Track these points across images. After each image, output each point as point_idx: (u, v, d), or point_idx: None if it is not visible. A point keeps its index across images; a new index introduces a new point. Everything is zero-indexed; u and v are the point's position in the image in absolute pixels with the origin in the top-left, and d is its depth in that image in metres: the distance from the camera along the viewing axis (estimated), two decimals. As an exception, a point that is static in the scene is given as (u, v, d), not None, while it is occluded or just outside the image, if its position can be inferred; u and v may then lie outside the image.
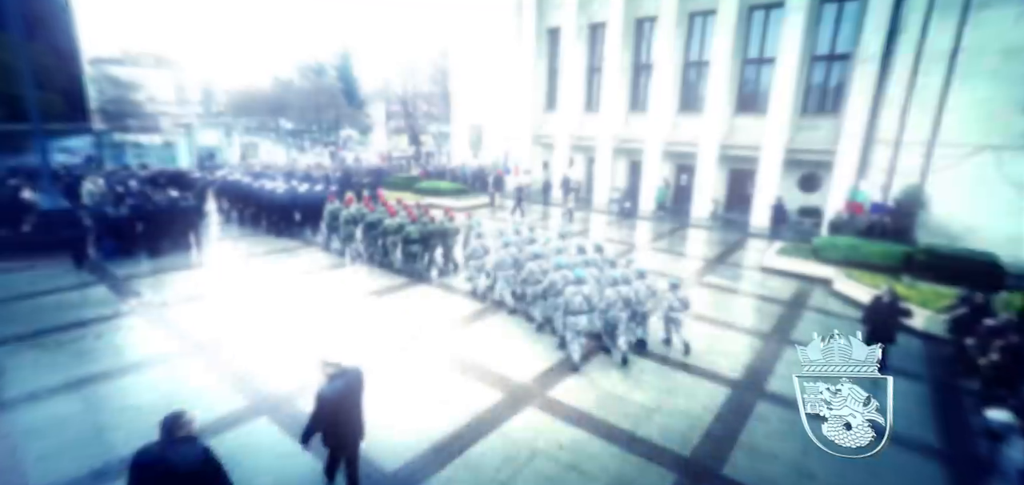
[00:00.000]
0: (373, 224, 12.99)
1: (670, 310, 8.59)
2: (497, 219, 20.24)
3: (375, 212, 13.33)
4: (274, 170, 24.95)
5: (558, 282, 8.45)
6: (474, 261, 10.83)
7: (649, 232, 19.30)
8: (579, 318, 7.89)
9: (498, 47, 27.00)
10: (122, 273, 11.61)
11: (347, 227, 13.35)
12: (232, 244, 14.98)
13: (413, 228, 11.97)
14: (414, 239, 11.90)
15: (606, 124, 23.78)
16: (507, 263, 10.23)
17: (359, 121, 60.82)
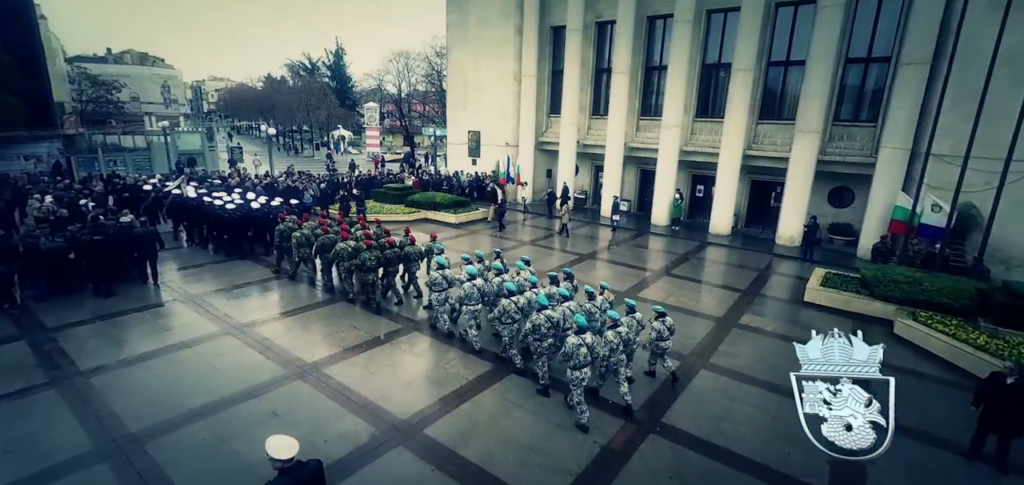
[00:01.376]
0: (326, 247, 11.59)
1: (658, 340, 8.03)
2: (494, 237, 18.39)
3: (329, 234, 11.98)
4: (253, 180, 22.94)
5: (542, 325, 7.66)
6: (436, 293, 9.52)
7: (663, 253, 17.45)
8: (583, 372, 6.86)
9: (498, 46, 25.05)
10: (52, 322, 9.65)
11: (300, 250, 12.10)
12: (189, 274, 12.99)
13: (368, 254, 10.61)
14: (370, 267, 10.61)
15: (615, 130, 21.92)
16: (473, 296, 8.95)
17: (352, 121, 58.69)
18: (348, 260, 10.72)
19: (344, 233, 11.77)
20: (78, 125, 41.66)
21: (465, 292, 8.93)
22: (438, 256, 10.07)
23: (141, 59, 66.34)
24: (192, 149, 31.69)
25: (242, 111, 75.23)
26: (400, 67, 52.29)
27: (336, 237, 11.69)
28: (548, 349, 7.79)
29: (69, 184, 18.15)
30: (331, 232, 12.15)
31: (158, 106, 60.89)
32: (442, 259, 9.75)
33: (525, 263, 10.12)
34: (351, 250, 10.76)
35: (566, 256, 16.47)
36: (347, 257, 10.74)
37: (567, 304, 8.34)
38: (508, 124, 25.56)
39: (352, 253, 10.71)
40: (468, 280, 9.01)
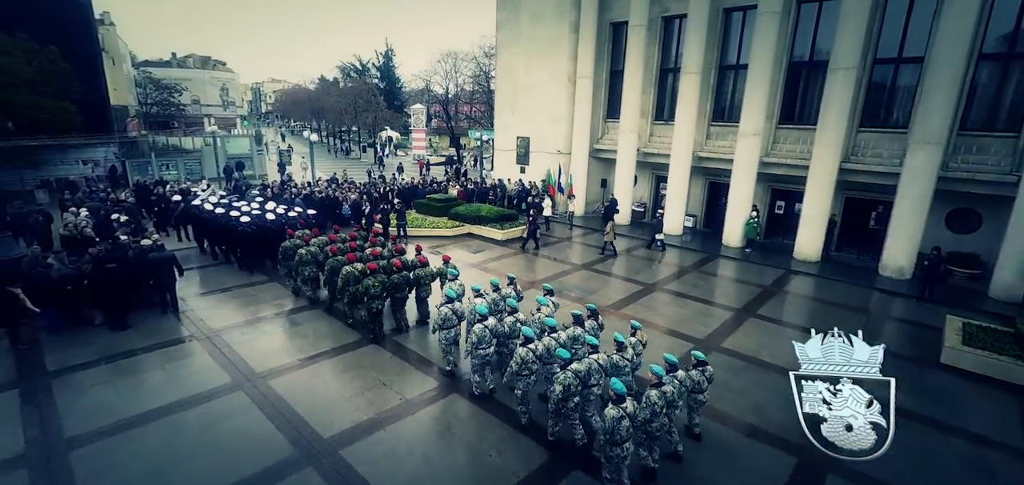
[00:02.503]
0: (335, 270, 10.73)
1: (695, 391, 6.90)
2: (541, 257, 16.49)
3: (336, 255, 11.12)
4: (298, 187, 22.12)
5: (572, 383, 6.38)
6: (444, 332, 8.32)
7: (740, 283, 14.94)
8: (626, 447, 5.70)
9: (551, 45, 23.10)
10: (54, 362, 8.64)
11: (305, 269, 11.33)
12: (212, 300, 11.90)
13: (372, 280, 9.48)
14: (375, 295, 9.48)
15: (682, 137, 19.46)
16: (484, 339, 7.67)
17: (399, 123, 58.41)
18: (353, 285, 9.68)
19: (351, 256, 10.54)
20: (140, 128, 43.30)
21: (476, 336, 7.64)
22: (448, 286, 9.03)
23: (203, 63, 69.01)
24: (240, 153, 31.70)
25: (296, 112, 77.07)
26: (448, 68, 51.42)
27: (345, 259, 10.60)
28: (575, 408, 6.65)
29: (106, 195, 17.67)
30: (340, 252, 11.19)
31: (217, 108, 63.02)
32: (451, 290, 8.61)
33: (547, 294, 8.89)
34: (357, 274, 9.73)
35: (617, 285, 14.31)
36: (352, 282, 9.71)
37: (595, 357, 6.84)
38: (560, 130, 23.57)
39: (357, 278, 9.67)
40: (478, 321, 7.75)
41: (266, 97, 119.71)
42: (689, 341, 10.52)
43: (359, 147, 55.71)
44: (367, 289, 9.39)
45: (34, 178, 24.19)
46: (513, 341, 7.95)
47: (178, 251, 15.46)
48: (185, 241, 16.41)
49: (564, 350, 6.75)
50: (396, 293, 10.03)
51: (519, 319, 8.24)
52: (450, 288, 8.74)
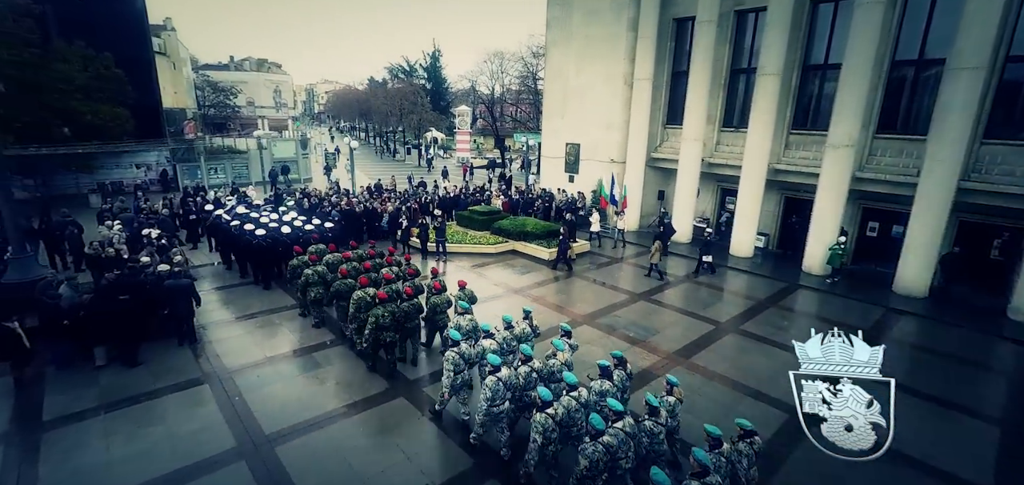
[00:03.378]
0: (342, 294, 10.16)
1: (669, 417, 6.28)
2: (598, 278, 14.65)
3: (345, 277, 10.41)
4: (339, 193, 21.35)
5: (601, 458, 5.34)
6: (450, 377, 7.34)
7: (828, 323, 12.56)
8: None
9: (606, 44, 21.19)
10: (52, 410, 7.78)
11: (312, 289, 10.76)
12: (232, 329, 10.96)
13: (382, 310, 8.63)
14: (385, 326, 8.65)
15: (756, 145, 17.10)
16: (499, 393, 6.68)
17: (444, 125, 57.83)
18: (364, 312, 8.92)
19: (363, 279, 9.72)
20: (196, 130, 44.60)
21: (489, 391, 6.66)
22: (455, 322, 8.35)
23: (258, 65, 71.23)
24: (286, 157, 31.64)
25: (345, 113, 78.41)
26: (494, 68, 50.29)
27: (354, 283, 9.92)
28: None
29: (139, 206, 17.32)
30: (351, 275, 10.48)
31: (270, 110, 64.75)
32: (455, 332, 7.69)
33: (564, 336, 7.93)
34: (368, 300, 9.00)
35: (679, 322, 12.31)
36: (363, 308, 8.99)
37: (621, 425, 5.72)
38: (614, 136, 21.61)
39: (369, 303, 8.95)
40: (491, 373, 6.77)
41: (318, 98, 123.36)
42: (778, 406, 8.50)
43: (404, 148, 55.44)
44: (376, 319, 8.52)
45: (89, 182, 24.76)
46: (530, 393, 6.90)
47: (207, 266, 14.96)
48: (214, 253, 15.81)
49: (598, 418, 5.57)
50: (406, 322, 9.15)
51: (535, 368, 7.15)
52: (454, 327, 7.99)
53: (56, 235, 13.84)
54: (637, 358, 10.30)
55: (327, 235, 14.77)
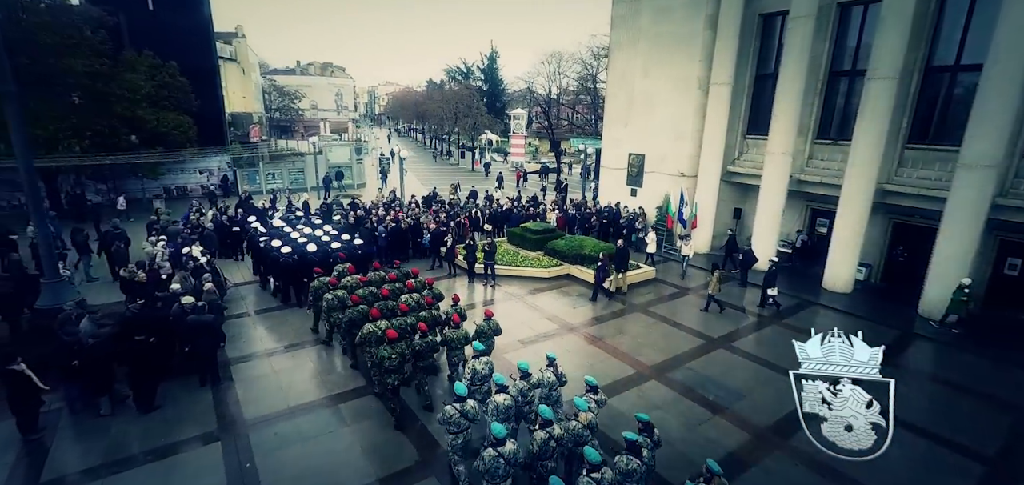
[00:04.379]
0: (356, 323, 9.26)
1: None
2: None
3: (358, 305, 9.56)
4: (390, 203, 20.54)
5: None
6: (450, 436, 6.45)
7: (960, 393, 9.91)
8: None
9: (679, 44, 18.99)
10: (56, 464, 7.06)
11: (331, 315, 9.97)
12: (263, 365, 10.08)
13: (388, 352, 7.76)
14: (390, 369, 7.78)
15: (863, 161, 14.42)
16: (498, 471, 5.56)
17: (498, 128, 56.84)
18: (373, 347, 7.95)
19: (375, 311, 8.80)
20: (261, 134, 46.11)
21: (485, 463, 5.58)
22: (469, 367, 7.52)
23: (322, 69, 73.48)
24: (340, 163, 31.59)
25: (404, 115, 79.47)
26: (551, 69, 48.55)
27: (366, 310, 9.16)
28: None
29: (192, 213, 17.13)
30: (366, 302, 9.62)
31: (331, 112, 66.50)
32: (462, 385, 6.66)
33: (589, 392, 6.86)
34: (379, 335, 8.03)
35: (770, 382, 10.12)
36: (373, 343, 8.00)
37: None
38: (684, 147, 19.37)
39: (379, 339, 7.98)
40: (492, 444, 5.65)
41: (380, 100, 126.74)
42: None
43: (458, 151, 54.93)
44: (380, 361, 7.72)
45: (155, 187, 25.55)
46: (545, 463, 5.90)
47: (249, 285, 14.33)
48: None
49: None
50: (420, 361, 8.49)
51: (553, 435, 5.97)
52: (461, 381, 6.96)
53: (110, 249, 13.72)
54: (721, 433, 8.38)
55: (356, 252, 13.92)
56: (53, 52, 19.56)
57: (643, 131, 20.83)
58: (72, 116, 20.11)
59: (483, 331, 8.81)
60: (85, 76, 20.40)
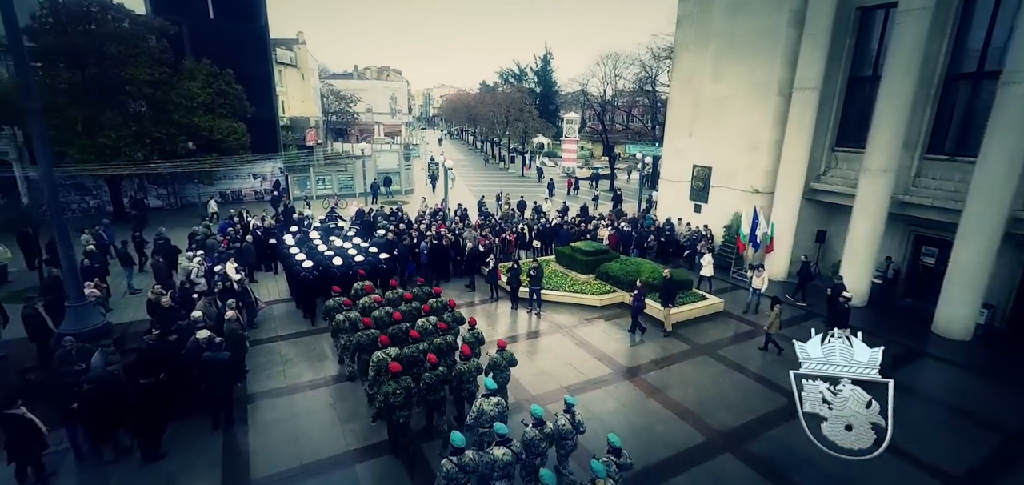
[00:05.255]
0: (364, 347, 8.90)
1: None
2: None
3: (368, 328, 9.12)
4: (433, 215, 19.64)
5: None
6: None
7: None
8: None
9: (757, 44, 16.81)
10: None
11: (342, 336, 9.57)
12: (282, 406, 9.24)
13: (392, 387, 7.17)
14: (397, 405, 7.18)
15: (991, 182, 11.84)
16: None
17: (550, 132, 55.37)
18: (384, 376, 7.40)
19: (384, 338, 8.56)
20: (317, 137, 47.13)
21: None
22: (477, 407, 6.89)
23: (379, 73, 74.91)
24: (389, 168, 31.27)
25: (456, 118, 79.73)
26: (607, 70, 46.42)
27: (375, 337, 8.82)
28: None
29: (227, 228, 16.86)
30: (380, 324, 9.33)
31: (386, 115, 67.51)
32: (458, 435, 6.00)
33: (611, 453, 6.05)
34: (383, 364, 7.57)
35: (885, 466, 8.00)
36: (383, 372, 7.49)
37: None
38: (759, 160, 17.13)
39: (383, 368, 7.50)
40: None
41: (434, 102, 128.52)
42: None
43: (508, 155, 53.88)
44: (386, 396, 7.12)
45: (211, 192, 26.09)
46: None
47: (282, 303, 13.73)
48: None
49: None
50: (430, 396, 7.82)
51: None
52: (457, 434, 6.03)
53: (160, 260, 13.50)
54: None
55: (380, 267, 13.08)
56: (118, 62, 20.15)
57: (711, 141, 18.72)
58: (133, 124, 20.61)
59: (497, 364, 8.08)
60: (146, 84, 20.89)
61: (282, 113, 47.73)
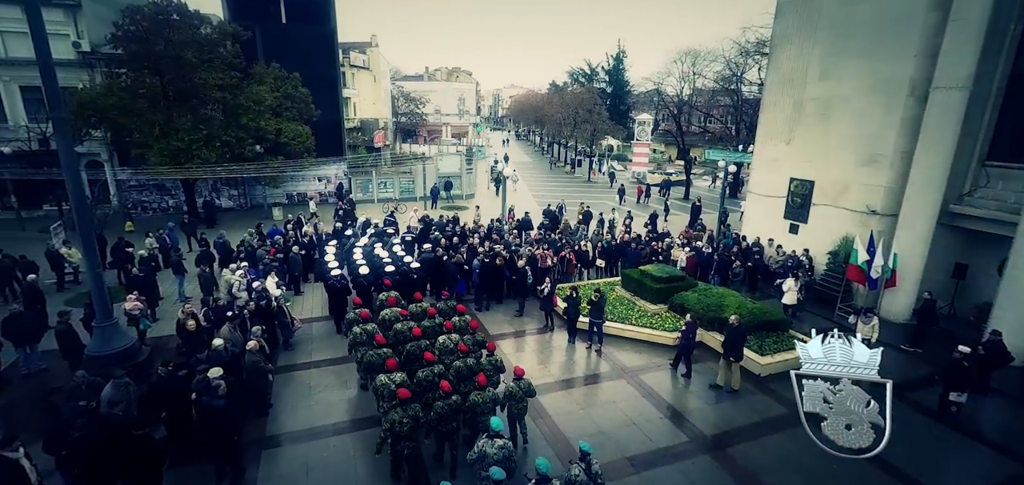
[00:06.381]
0: (374, 367, 8.25)
1: None
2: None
3: (382, 347, 8.61)
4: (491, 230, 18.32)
5: None
6: None
7: None
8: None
9: (882, 34, 13.80)
10: None
11: (359, 350, 8.96)
12: (295, 454, 8.18)
13: (398, 415, 6.60)
14: (401, 434, 6.63)
15: None
16: None
17: (620, 134, 52.54)
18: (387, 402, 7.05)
19: (391, 362, 7.84)
20: (385, 139, 47.78)
21: None
22: (478, 449, 6.18)
23: (449, 74, 75.47)
24: (450, 172, 30.49)
25: (523, 118, 78.73)
26: (685, 68, 42.90)
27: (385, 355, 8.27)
28: None
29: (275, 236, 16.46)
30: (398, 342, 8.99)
31: (454, 117, 67.75)
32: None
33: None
34: (392, 389, 7.08)
35: None
36: (386, 397, 7.12)
37: None
38: (880, 175, 14.09)
39: (392, 394, 6.99)
40: None
41: (503, 103, 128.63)
42: None
43: (574, 158, 51.74)
44: (391, 425, 6.74)
45: (278, 195, 26.57)
46: None
47: (321, 321, 12.93)
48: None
49: None
50: (441, 427, 7.19)
51: None
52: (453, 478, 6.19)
53: (206, 270, 13.28)
54: None
55: (412, 277, 12.22)
56: (193, 67, 20.72)
57: (814, 150, 15.80)
58: (204, 126, 21.14)
59: (513, 394, 7.63)
60: (216, 88, 21.36)
61: (353, 115, 49.07)
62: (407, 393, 6.91)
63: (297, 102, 24.23)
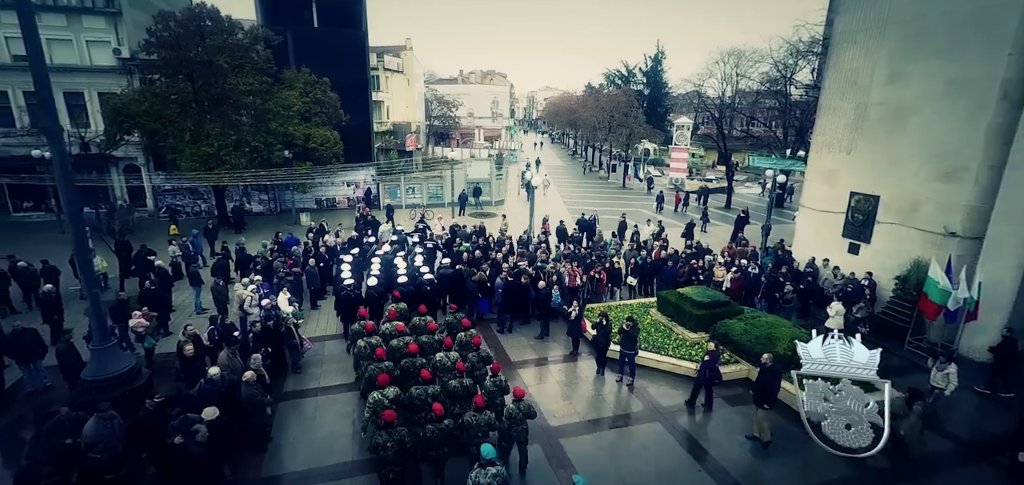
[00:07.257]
0: (371, 382, 7.84)
1: None
2: None
3: (381, 361, 8.27)
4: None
5: None
6: None
7: None
8: None
9: (963, 30, 12.03)
10: None
11: (364, 363, 8.70)
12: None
13: (383, 438, 6.36)
14: (387, 459, 6.37)
15: None
16: None
17: (658, 137, 50.55)
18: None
19: (383, 378, 7.60)
20: (416, 143, 47.61)
21: None
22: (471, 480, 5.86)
23: (483, 76, 75.03)
24: (479, 178, 29.72)
25: (557, 121, 77.47)
26: (727, 69, 40.64)
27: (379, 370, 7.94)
28: None
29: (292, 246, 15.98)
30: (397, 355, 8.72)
31: (487, 120, 67.22)
32: None
33: None
34: (385, 405, 6.84)
35: None
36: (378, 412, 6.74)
37: None
38: (960, 191, 12.30)
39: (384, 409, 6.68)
40: None
41: (537, 105, 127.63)
42: None
43: (609, 163, 50.07)
44: (376, 447, 6.39)
45: (307, 200, 26.45)
46: None
47: (337, 338, 12.27)
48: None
49: None
50: (431, 451, 6.81)
51: None
52: None
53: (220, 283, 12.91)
54: None
55: (425, 289, 11.71)
56: (224, 73, 20.72)
57: (880, 161, 14.05)
58: (233, 132, 21.13)
59: (512, 416, 7.20)
60: (246, 94, 21.32)
61: (386, 118, 49.15)
62: (392, 415, 6.57)
63: (326, 107, 24.03)
